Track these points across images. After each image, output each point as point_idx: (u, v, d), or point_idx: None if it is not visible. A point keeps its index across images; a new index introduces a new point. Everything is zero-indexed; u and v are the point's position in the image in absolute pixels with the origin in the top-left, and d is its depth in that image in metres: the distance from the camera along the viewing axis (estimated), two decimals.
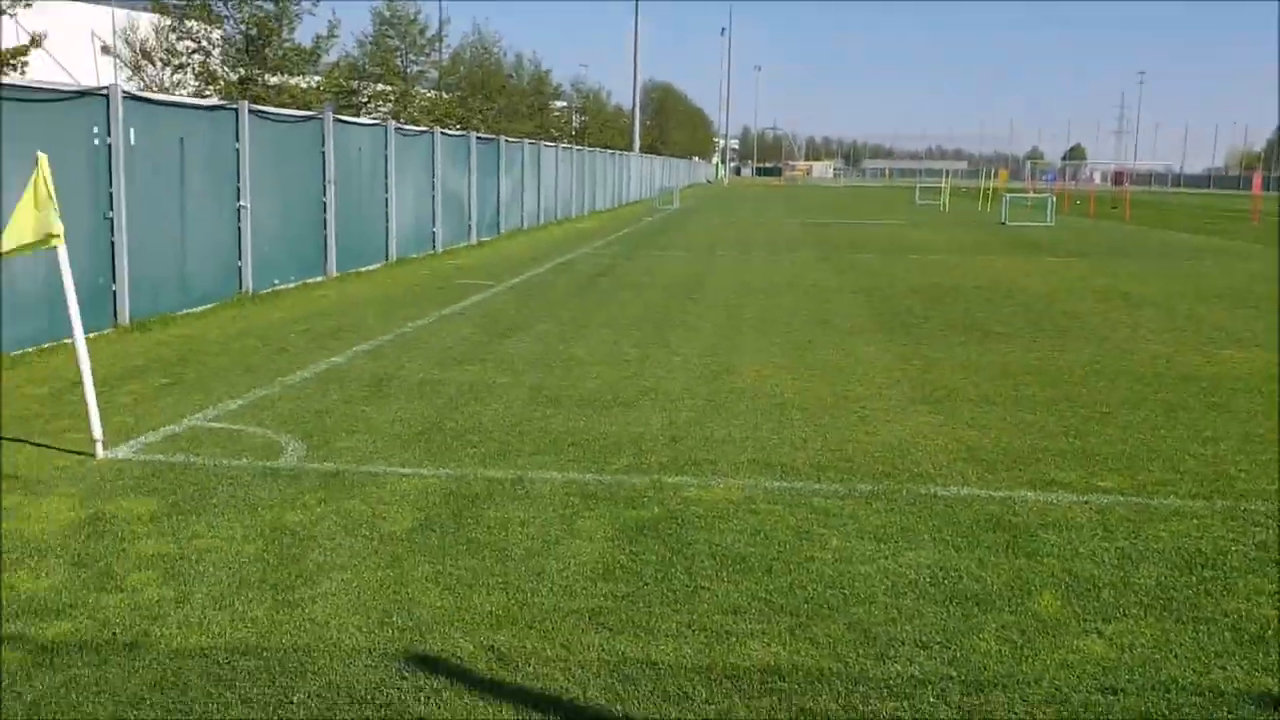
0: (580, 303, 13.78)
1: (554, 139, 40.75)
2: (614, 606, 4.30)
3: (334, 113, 16.33)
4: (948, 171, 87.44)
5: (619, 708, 3.52)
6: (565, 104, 56.16)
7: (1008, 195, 43.04)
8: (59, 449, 6.39)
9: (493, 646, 3.92)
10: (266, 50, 24.82)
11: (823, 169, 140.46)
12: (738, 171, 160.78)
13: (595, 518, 5.35)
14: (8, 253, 6.17)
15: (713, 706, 3.54)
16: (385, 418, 7.33)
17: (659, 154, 74.89)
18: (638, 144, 62.57)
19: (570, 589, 4.46)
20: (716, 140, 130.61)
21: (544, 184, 30.63)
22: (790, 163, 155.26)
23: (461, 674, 3.72)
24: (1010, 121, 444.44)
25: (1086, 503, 5.68)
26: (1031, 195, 53.33)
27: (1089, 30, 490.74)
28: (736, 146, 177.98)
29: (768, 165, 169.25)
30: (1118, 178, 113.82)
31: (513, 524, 5.23)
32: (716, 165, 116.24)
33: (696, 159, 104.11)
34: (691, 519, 5.35)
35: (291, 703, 3.48)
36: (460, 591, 4.41)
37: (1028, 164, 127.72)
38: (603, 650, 3.91)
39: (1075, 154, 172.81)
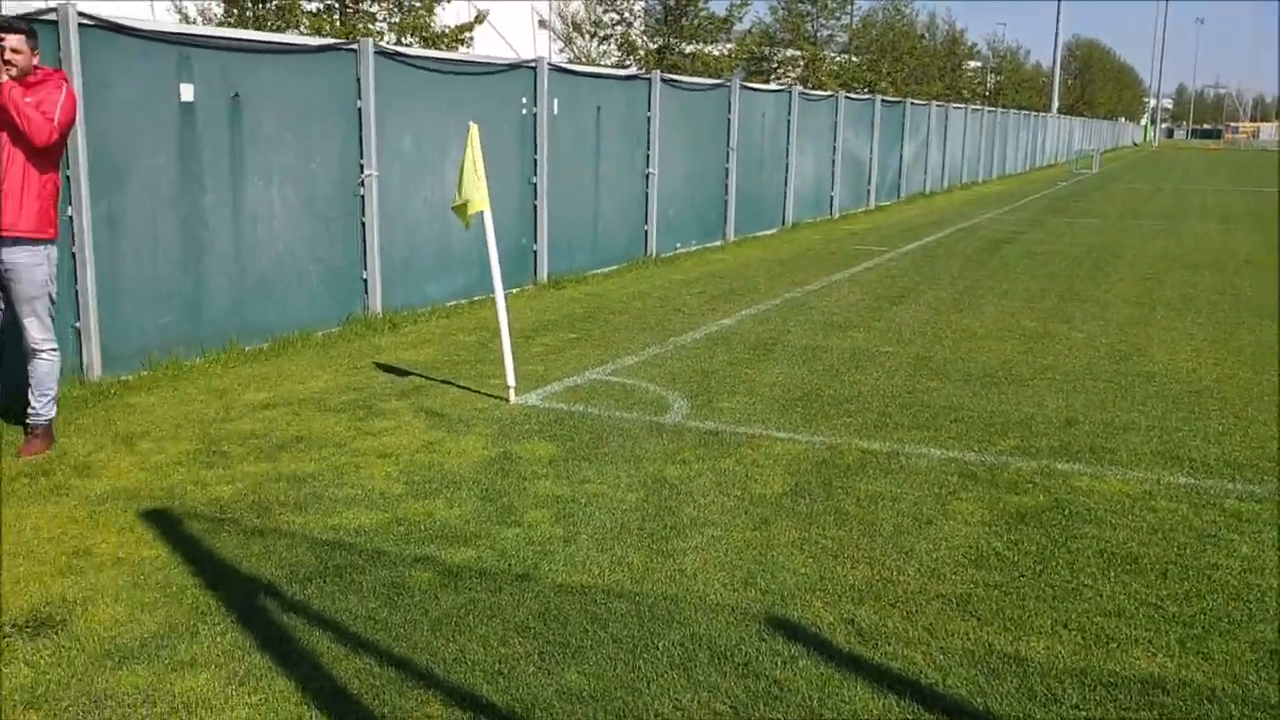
0: (977, 271, 13.25)
1: (964, 100, 39.21)
2: (984, 595, 4.14)
3: (743, 79, 16.74)
4: None
5: (980, 701, 3.40)
6: (979, 64, 53.84)
7: None
8: (479, 392, 7.07)
9: (853, 620, 3.92)
10: (683, 20, 25.78)
11: (1271, 131, 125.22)
12: (1170, 134, 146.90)
13: (973, 500, 5.17)
14: (470, 216, 6.79)
15: (1083, 712, 3.33)
16: (766, 380, 7.47)
17: (1080, 115, 70.01)
18: (1056, 105, 58.85)
19: (939, 572, 4.35)
20: (1146, 100, 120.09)
21: (950, 147, 29.61)
22: (1231, 124, 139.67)
23: (819, 644, 3.75)
24: None
25: None
26: None
27: None
28: (1169, 106, 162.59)
29: (1205, 127, 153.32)
30: None
31: (884, 498, 5.17)
32: (1145, 127, 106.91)
33: (1123, 120, 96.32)
34: (1080, 510, 5.03)
35: (656, 648, 3.67)
36: (825, 561, 4.43)
37: None
38: (968, 639, 3.79)
39: None
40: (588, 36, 27.38)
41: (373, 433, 6.13)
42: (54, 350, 5.73)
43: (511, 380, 6.88)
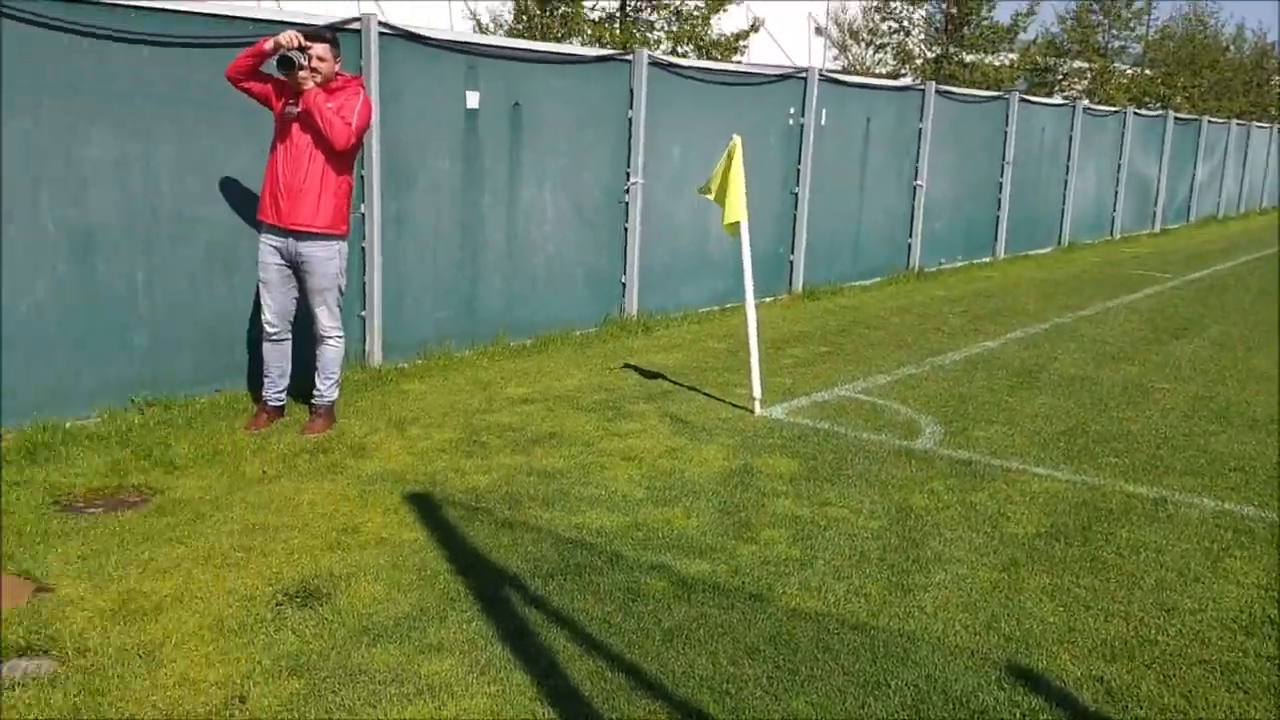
0: (1273, 306, 12.16)
1: (1272, 119, 36.04)
2: (1254, 666, 3.81)
3: (1024, 92, 16.05)
4: None
5: None
6: None
7: None
8: (724, 401, 7.12)
9: (1102, 679, 3.69)
10: (964, 29, 24.99)
11: None
12: None
13: (1248, 559, 4.76)
14: (727, 226, 6.88)
15: None
16: (1028, 411, 7.13)
17: None
18: None
19: (1203, 635, 4.03)
20: None
21: (1250, 168, 27.30)
22: None
23: (1063, 699, 3.55)
24: None
25: None
26: None
27: None
28: None
29: None
30: None
31: (1147, 548, 4.84)
32: None
33: None
34: None
35: (888, 686, 3.58)
36: (1076, 612, 4.19)
37: None
38: (1230, 713, 3.50)
39: None
40: (863, 44, 27.01)
41: (619, 434, 6.29)
42: (340, 337, 6.19)
43: (758, 391, 6.89)
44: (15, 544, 4.40)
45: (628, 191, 9.26)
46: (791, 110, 11.10)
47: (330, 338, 6.13)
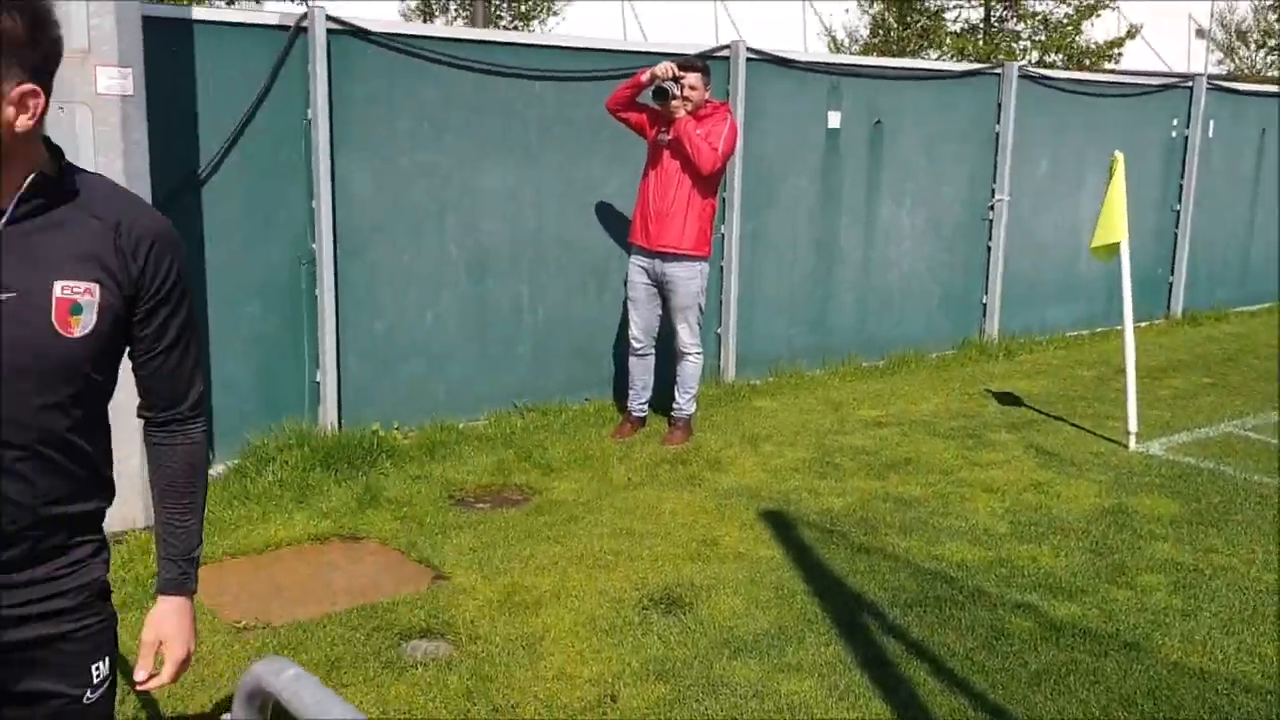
0: None
1: None
2: None
3: None
4: None
5: None
6: None
7: None
8: (1095, 433, 6.72)
9: None
10: None
11: None
12: None
13: None
14: (1106, 248, 6.52)
15: None
16: None
17: None
18: None
19: None
20: None
21: None
22: None
23: None
24: None
25: None
26: None
27: None
28: None
29: None
30: None
31: None
32: None
33: None
34: None
35: None
36: None
37: None
38: None
39: None
40: (1253, 46, 24.61)
41: (980, 464, 6.09)
42: (699, 354, 6.41)
43: (1133, 425, 6.44)
44: (417, 533, 4.90)
45: (991, 208, 8.95)
46: (1175, 121, 10.30)
47: (690, 354, 6.36)
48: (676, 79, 5.95)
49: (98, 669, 1.92)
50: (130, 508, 4.78)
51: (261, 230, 5.65)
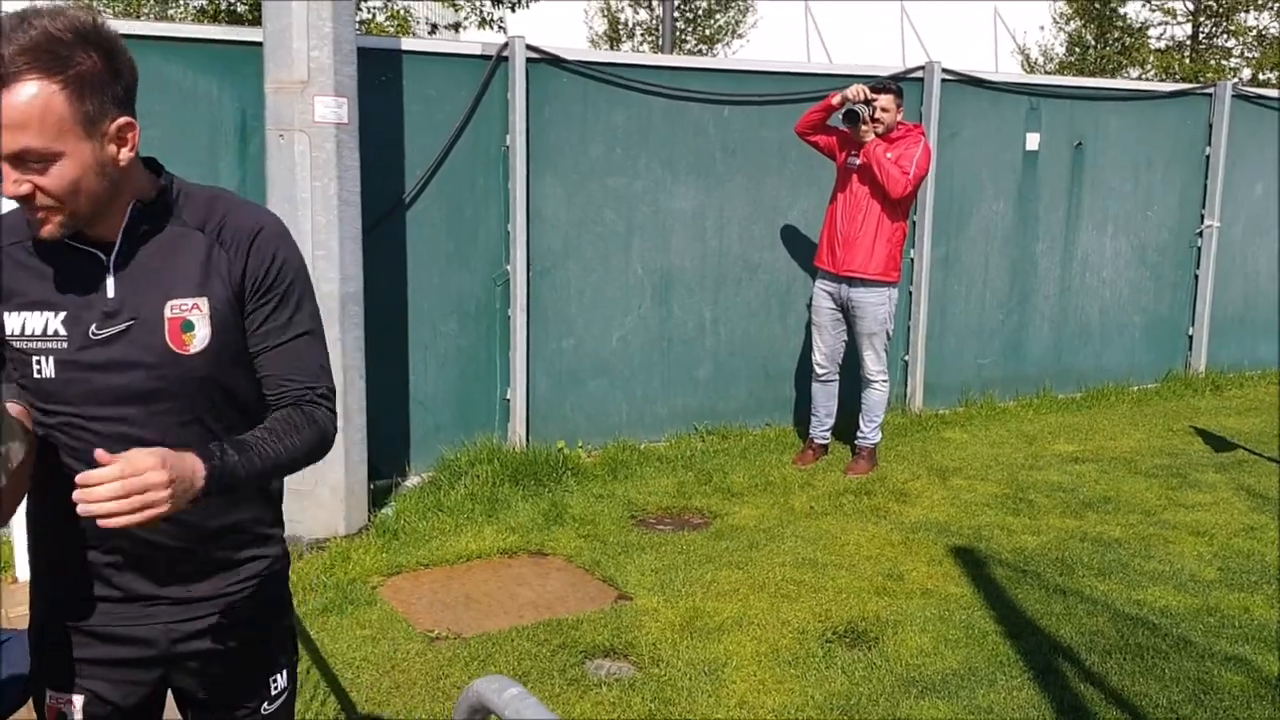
0: None
1: None
2: None
3: None
4: None
5: None
6: None
7: None
8: None
9: None
10: None
11: None
12: None
13: None
14: None
15: None
16: None
17: None
18: None
19: None
20: None
21: None
22: None
23: None
24: None
25: None
26: None
27: None
28: None
29: None
30: None
31: None
32: None
33: None
34: None
35: None
36: None
37: None
38: None
39: None
40: None
41: (1185, 505, 5.75)
42: (885, 381, 6.28)
43: None
44: (601, 551, 4.96)
45: (1200, 234, 8.47)
46: None
47: (876, 381, 6.23)
48: (868, 101, 5.87)
49: (275, 681, 1.98)
50: (332, 514, 5.01)
51: (460, 252, 5.85)
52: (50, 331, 1.72)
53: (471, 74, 5.84)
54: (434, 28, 12.28)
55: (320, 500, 4.97)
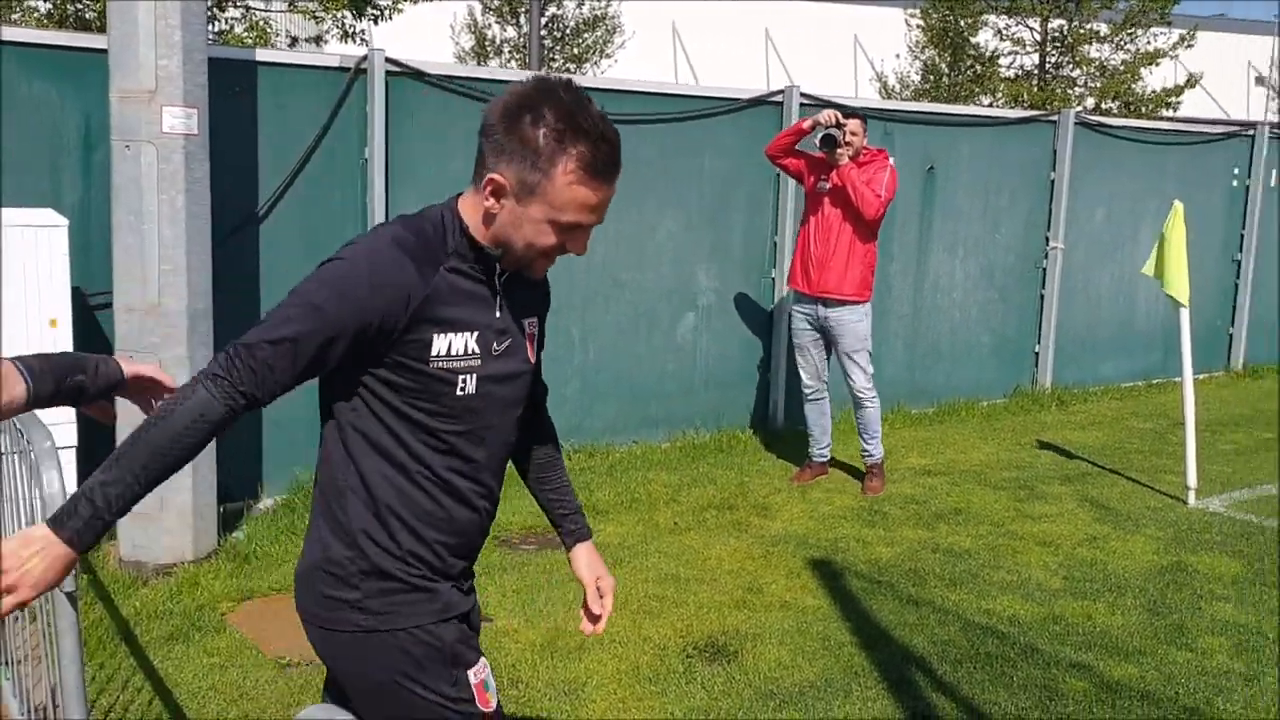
0: None
1: None
2: None
3: None
4: None
5: None
6: None
7: None
8: (1152, 488, 6.57)
9: None
10: None
11: None
12: None
13: None
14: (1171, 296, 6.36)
15: None
16: None
17: None
18: None
19: None
20: None
21: None
22: None
23: None
24: None
25: None
26: None
27: None
28: None
29: None
30: None
31: None
32: None
33: None
34: None
35: None
36: None
37: None
38: None
39: None
40: None
41: (1032, 516, 5.98)
42: (875, 396, 6.34)
43: (1192, 480, 6.29)
44: None
45: (1046, 256, 8.85)
46: (1235, 170, 10.15)
47: (865, 398, 6.29)
48: (839, 125, 5.96)
49: None
50: (178, 539, 4.82)
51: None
52: (469, 351, 1.95)
53: (330, 87, 5.73)
54: (294, 40, 12.02)
55: (166, 525, 4.77)
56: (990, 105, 17.00)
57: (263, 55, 5.67)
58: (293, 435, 5.75)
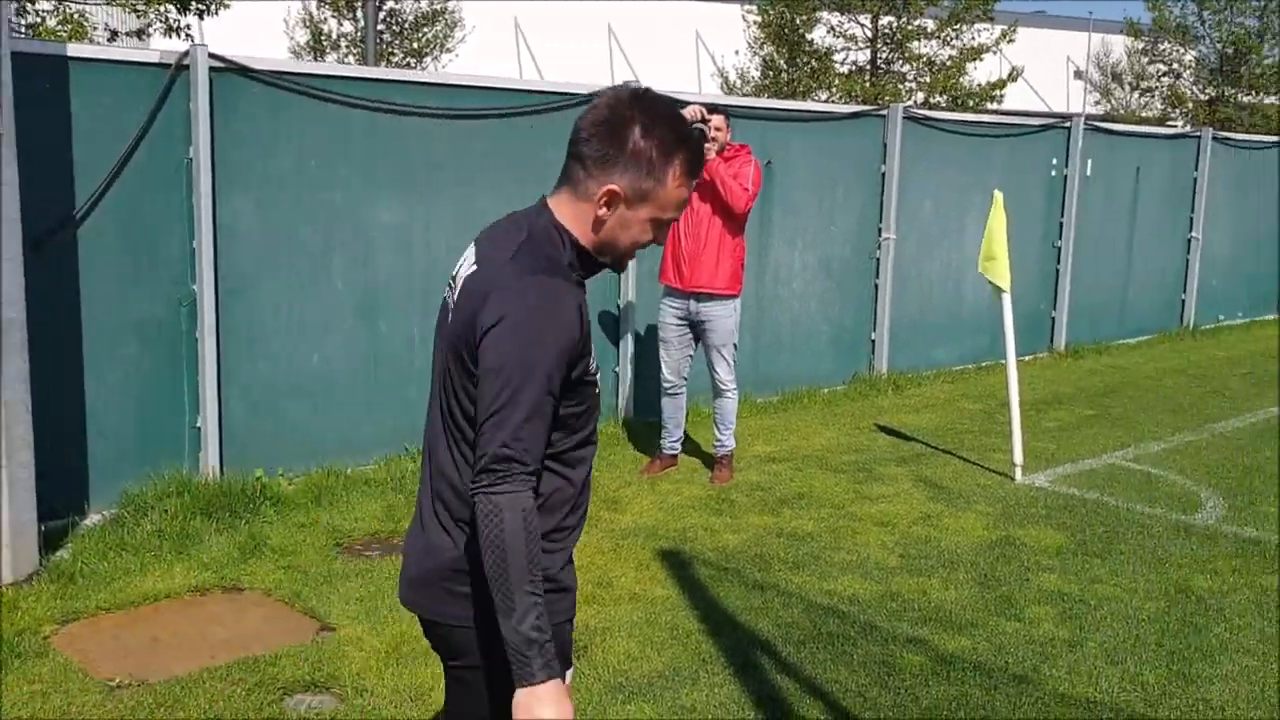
0: None
1: None
2: None
3: None
4: None
5: None
6: None
7: None
8: (982, 466, 6.86)
9: None
10: (1242, 69, 23.39)
11: None
12: None
13: None
14: (994, 286, 6.64)
15: None
16: None
17: None
18: None
19: None
20: None
21: None
22: None
23: None
24: None
25: None
26: None
27: None
28: None
29: None
30: None
31: None
32: None
33: None
34: None
35: None
36: None
37: None
38: None
39: None
40: (1129, 89, 25.75)
41: (871, 498, 6.17)
42: (735, 389, 6.46)
43: (1019, 457, 6.60)
44: (302, 583, 4.75)
45: (879, 247, 9.14)
46: (1054, 161, 10.68)
47: (727, 390, 6.41)
48: (704, 120, 5.96)
49: None
50: None
51: (139, 271, 5.46)
52: (595, 367, 2.08)
53: (150, 84, 5.48)
54: (114, 34, 11.47)
55: None
56: (827, 101, 17.47)
57: (75, 50, 5.38)
58: (121, 447, 5.51)
